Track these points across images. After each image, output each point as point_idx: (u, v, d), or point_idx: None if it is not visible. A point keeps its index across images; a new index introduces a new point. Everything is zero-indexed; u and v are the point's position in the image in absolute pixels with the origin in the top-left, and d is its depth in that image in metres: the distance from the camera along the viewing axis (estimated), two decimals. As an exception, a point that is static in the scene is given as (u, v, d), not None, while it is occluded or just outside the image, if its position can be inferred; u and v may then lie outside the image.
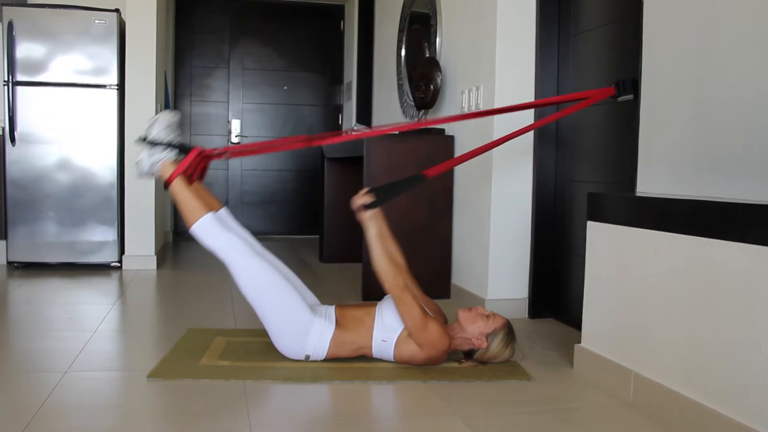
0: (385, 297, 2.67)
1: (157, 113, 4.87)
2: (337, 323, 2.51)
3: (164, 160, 2.59)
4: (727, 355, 1.83)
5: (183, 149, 2.61)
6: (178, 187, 2.55)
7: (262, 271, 2.49)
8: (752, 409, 1.74)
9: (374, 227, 2.45)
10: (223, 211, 2.72)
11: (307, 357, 2.51)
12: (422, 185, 2.62)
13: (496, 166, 3.44)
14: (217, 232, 2.52)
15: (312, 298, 2.72)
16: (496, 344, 2.49)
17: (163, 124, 2.61)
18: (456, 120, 2.89)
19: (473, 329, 2.48)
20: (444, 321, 2.69)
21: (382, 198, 2.46)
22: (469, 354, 2.54)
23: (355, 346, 2.51)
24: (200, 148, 2.61)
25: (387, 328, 2.47)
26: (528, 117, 3.39)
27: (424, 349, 2.43)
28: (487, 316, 2.50)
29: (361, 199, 2.46)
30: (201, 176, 2.69)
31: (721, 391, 1.85)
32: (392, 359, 2.50)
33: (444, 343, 2.43)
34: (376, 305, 2.59)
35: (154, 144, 2.58)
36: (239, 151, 2.79)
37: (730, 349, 1.82)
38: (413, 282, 2.76)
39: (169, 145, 2.59)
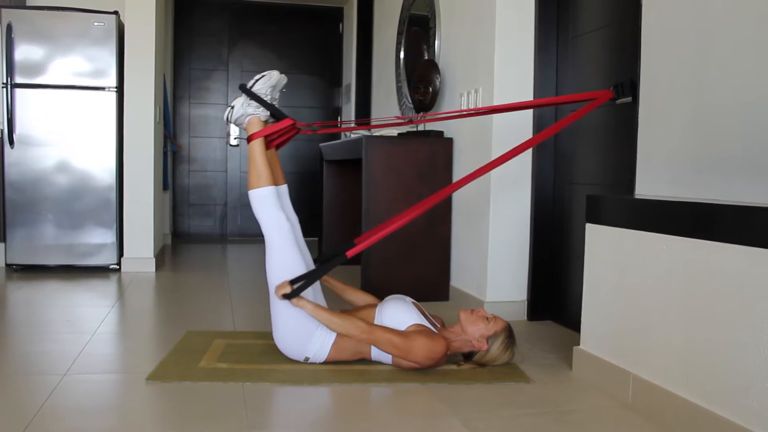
0: (386, 299, 2.67)
1: (157, 114, 4.87)
2: None
3: (256, 115, 2.59)
4: (725, 357, 1.83)
5: (277, 114, 2.61)
6: (257, 148, 2.56)
7: (293, 262, 2.50)
8: (751, 411, 1.74)
9: (307, 305, 2.44)
10: (284, 188, 2.75)
11: (307, 359, 2.51)
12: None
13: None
14: (271, 205, 2.53)
15: (324, 304, 2.73)
16: (496, 347, 2.49)
17: (270, 82, 2.61)
18: (456, 117, 2.88)
19: (474, 331, 2.48)
20: (442, 324, 2.69)
21: (298, 289, 2.43)
22: (468, 356, 2.54)
23: (355, 349, 2.50)
24: (293, 121, 2.61)
25: (386, 332, 2.47)
26: (527, 124, 3.40)
27: (422, 364, 2.43)
28: (488, 319, 2.50)
29: (281, 290, 2.43)
30: (279, 146, 2.72)
31: (720, 393, 1.85)
32: (391, 362, 2.50)
33: (436, 349, 2.42)
34: (375, 308, 2.59)
35: (253, 96, 2.58)
36: (322, 127, 2.81)
37: (729, 351, 1.82)
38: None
39: (267, 104, 2.59)
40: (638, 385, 2.17)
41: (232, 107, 2.64)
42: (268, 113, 2.62)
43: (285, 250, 2.50)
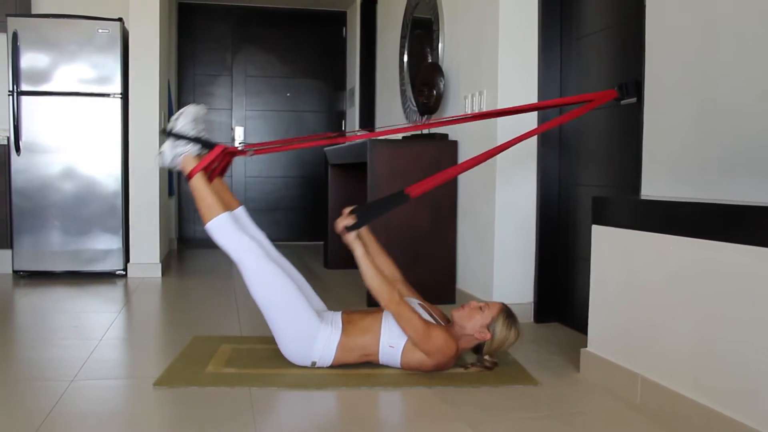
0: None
1: (162, 120, 4.89)
2: (344, 329, 2.51)
3: (187, 153, 2.58)
4: (735, 358, 1.82)
5: (207, 144, 2.59)
6: (198, 183, 2.55)
7: (273, 275, 2.49)
8: (761, 412, 1.73)
9: (359, 247, 2.44)
10: (240, 210, 2.73)
11: (314, 363, 2.50)
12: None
13: (499, 171, 3.44)
14: (231, 231, 2.52)
15: (320, 304, 2.72)
16: (499, 331, 2.46)
17: (189, 117, 2.59)
18: (459, 122, 2.87)
19: (472, 325, 2.46)
20: (446, 320, 2.68)
21: (363, 219, 2.43)
22: (477, 349, 2.52)
23: (362, 352, 2.50)
24: (224, 145, 2.60)
25: (394, 335, 2.47)
26: (531, 122, 3.39)
27: (432, 357, 2.42)
28: (481, 308, 2.48)
29: (344, 221, 2.44)
30: (222, 173, 2.70)
31: (729, 394, 1.84)
32: (399, 366, 2.50)
33: (451, 347, 2.42)
34: (383, 311, 2.59)
35: (178, 137, 2.56)
36: (262, 148, 2.77)
37: (738, 352, 1.81)
38: (411, 290, 2.77)
39: (194, 139, 2.57)
40: (647, 387, 2.16)
41: (162, 153, 2.61)
42: (199, 146, 2.60)
43: (262, 270, 2.49)
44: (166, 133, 2.59)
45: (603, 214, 2.41)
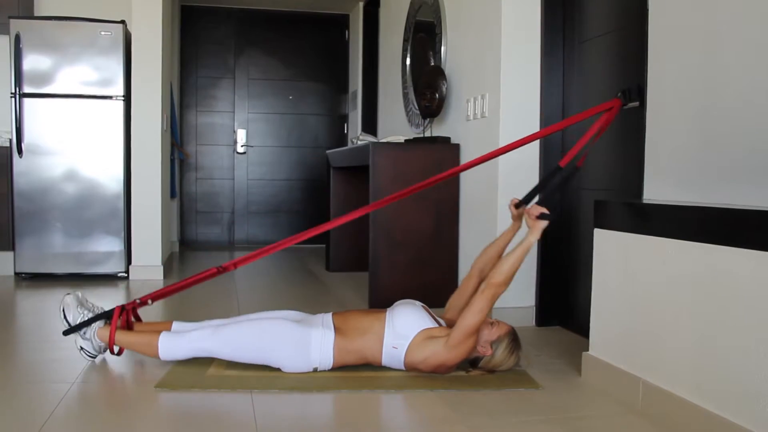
0: (395, 304, 2.66)
1: (164, 123, 4.89)
2: (338, 330, 2.51)
3: (95, 331, 2.61)
4: (737, 363, 1.82)
5: (105, 314, 2.64)
6: (124, 339, 2.58)
7: (234, 332, 2.50)
8: (763, 416, 1.73)
9: (534, 238, 2.44)
10: (175, 325, 2.73)
11: (315, 369, 2.50)
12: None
13: (502, 174, 3.43)
14: (177, 341, 2.53)
15: (296, 314, 2.73)
16: (501, 352, 2.47)
17: (73, 307, 2.64)
18: (467, 168, 2.85)
19: (478, 336, 2.47)
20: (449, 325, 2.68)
21: (551, 215, 2.43)
22: (474, 362, 2.53)
23: (362, 353, 2.50)
24: (119, 306, 2.64)
25: (399, 335, 2.47)
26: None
27: (448, 351, 2.40)
28: (492, 324, 2.49)
29: (540, 209, 2.42)
30: (137, 319, 2.74)
31: (732, 398, 1.84)
32: (402, 366, 2.50)
33: (463, 356, 2.44)
34: (385, 312, 2.58)
35: (79, 327, 2.61)
36: (160, 294, 2.78)
37: (741, 356, 1.81)
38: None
39: (92, 319, 2.62)
40: (648, 391, 2.16)
41: (82, 349, 2.64)
42: (101, 320, 2.63)
43: (223, 339, 2.49)
44: (69, 333, 2.63)
45: (605, 218, 2.41)
